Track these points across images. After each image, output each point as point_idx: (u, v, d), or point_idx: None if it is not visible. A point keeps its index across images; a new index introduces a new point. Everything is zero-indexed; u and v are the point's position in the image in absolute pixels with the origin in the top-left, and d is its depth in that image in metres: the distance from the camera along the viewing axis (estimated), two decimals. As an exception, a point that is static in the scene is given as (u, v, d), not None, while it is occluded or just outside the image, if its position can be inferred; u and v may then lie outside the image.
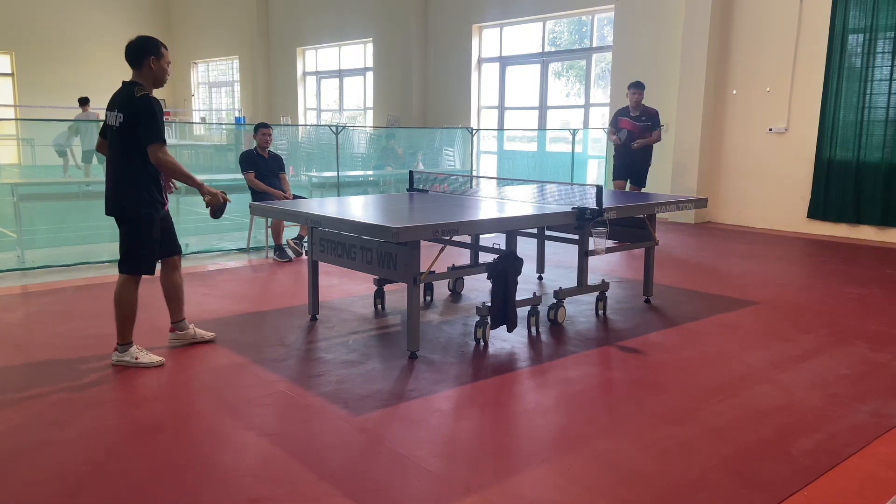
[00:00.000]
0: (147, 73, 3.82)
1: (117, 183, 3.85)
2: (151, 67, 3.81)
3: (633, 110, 8.22)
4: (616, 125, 8.32)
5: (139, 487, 2.65)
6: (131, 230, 3.87)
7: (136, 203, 3.82)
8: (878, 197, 8.62)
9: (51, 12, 20.09)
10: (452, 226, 4.00)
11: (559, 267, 6.72)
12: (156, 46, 3.82)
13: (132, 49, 3.80)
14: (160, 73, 3.85)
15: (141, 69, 3.81)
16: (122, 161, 3.83)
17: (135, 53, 3.79)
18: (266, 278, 6.41)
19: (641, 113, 8.20)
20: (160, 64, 3.83)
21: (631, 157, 8.25)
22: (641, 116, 8.19)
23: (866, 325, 4.95)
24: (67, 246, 7.64)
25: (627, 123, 8.19)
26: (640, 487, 2.68)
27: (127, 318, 3.92)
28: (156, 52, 3.80)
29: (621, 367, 4.06)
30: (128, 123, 3.74)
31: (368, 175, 10.50)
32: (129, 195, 3.83)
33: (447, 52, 13.91)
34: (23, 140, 16.07)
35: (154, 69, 3.82)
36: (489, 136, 13.37)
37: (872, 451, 3.00)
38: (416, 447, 2.99)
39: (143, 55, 3.78)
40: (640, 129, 8.15)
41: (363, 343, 4.43)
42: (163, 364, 3.95)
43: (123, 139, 3.79)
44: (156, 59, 3.81)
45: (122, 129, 3.78)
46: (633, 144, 8.15)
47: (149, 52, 3.78)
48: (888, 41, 8.41)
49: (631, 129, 8.17)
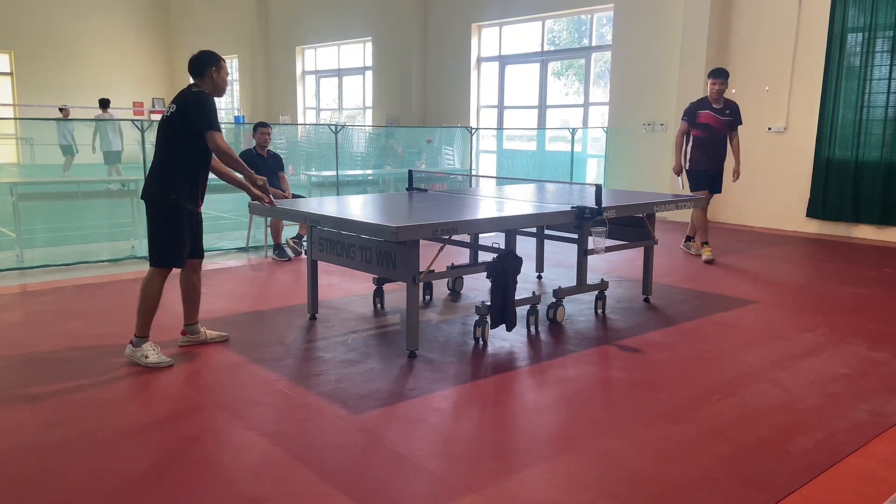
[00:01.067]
0: (208, 83, 4.08)
1: (152, 169, 4.05)
2: (213, 77, 4.08)
3: (716, 102, 6.99)
4: (694, 120, 7.04)
5: (138, 487, 2.65)
6: (158, 217, 4.02)
7: (166, 189, 3.98)
8: (876, 196, 8.62)
9: (50, 11, 20.08)
10: (452, 225, 4.00)
11: (558, 266, 6.72)
12: (216, 59, 4.10)
13: (196, 61, 4.08)
14: (220, 83, 4.13)
15: (203, 79, 4.08)
16: (164, 150, 4.03)
17: (198, 65, 4.08)
18: (265, 277, 6.41)
19: (724, 106, 7.01)
20: (220, 75, 4.11)
21: (717, 159, 7.14)
22: (725, 110, 7.00)
23: (865, 323, 4.95)
24: (66, 245, 7.64)
25: (710, 118, 6.98)
26: (639, 486, 2.69)
27: (147, 310, 4.00)
28: (216, 64, 4.09)
29: (620, 367, 4.06)
30: (179, 114, 3.96)
31: (368, 174, 10.50)
32: (160, 181, 3.99)
33: (446, 52, 13.91)
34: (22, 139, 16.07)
35: (215, 79, 4.09)
36: (488, 135, 13.37)
37: (871, 450, 3.01)
38: (416, 446, 2.99)
39: (205, 66, 4.06)
40: (724, 125, 7.02)
41: (362, 342, 4.43)
42: (172, 365, 3.96)
43: (170, 129, 3.99)
44: (216, 70, 4.08)
45: (170, 120, 3.99)
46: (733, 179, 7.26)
47: (210, 64, 4.07)
48: (887, 40, 8.42)
49: (714, 125, 6.98)
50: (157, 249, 4.03)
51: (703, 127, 6.98)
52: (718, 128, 6.98)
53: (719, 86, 6.89)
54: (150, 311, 4.01)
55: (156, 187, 4.01)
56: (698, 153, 7.05)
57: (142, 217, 7.06)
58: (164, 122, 4.05)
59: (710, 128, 6.96)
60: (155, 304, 4.02)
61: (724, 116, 6.97)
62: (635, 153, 10.99)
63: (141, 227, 7.15)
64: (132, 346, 4.00)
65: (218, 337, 4.39)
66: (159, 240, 4.02)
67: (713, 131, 6.98)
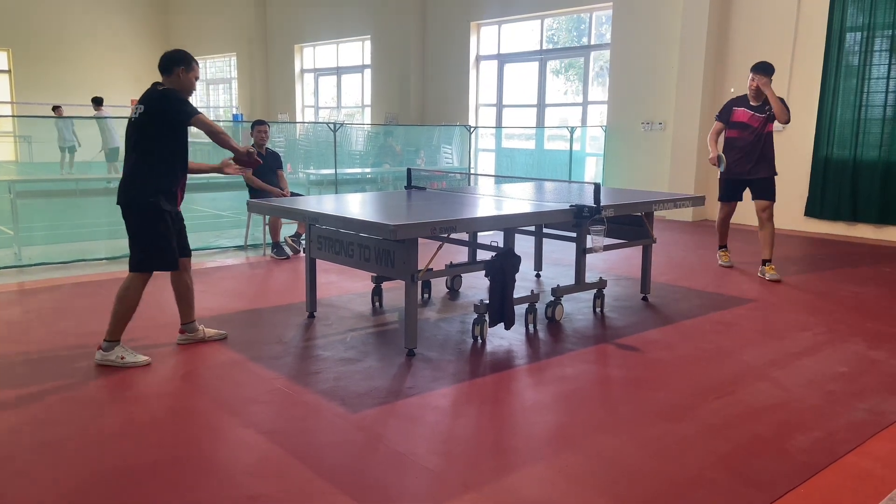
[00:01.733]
0: (175, 81, 3.99)
1: (126, 173, 3.95)
2: (180, 76, 3.99)
3: (754, 100, 6.35)
4: (728, 119, 6.46)
5: (137, 485, 2.65)
6: (140, 221, 3.92)
7: (143, 192, 3.88)
8: (874, 195, 8.63)
9: (48, 9, 20.04)
10: (450, 223, 4.00)
11: (557, 265, 6.72)
12: (187, 60, 4.01)
13: (166, 58, 4.01)
14: (187, 84, 4.03)
15: (171, 76, 3.99)
16: (134, 152, 3.93)
17: (168, 62, 4.00)
18: (263, 276, 6.40)
19: (764, 103, 6.32)
20: (188, 76, 4.01)
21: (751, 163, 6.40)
22: (764, 107, 6.31)
23: (863, 322, 4.96)
24: (64, 243, 7.63)
25: (745, 115, 6.34)
26: (637, 484, 2.69)
27: (125, 316, 3.92)
28: (186, 64, 4.00)
29: (619, 365, 4.07)
30: (148, 115, 3.86)
31: (366, 172, 10.50)
32: (136, 185, 3.90)
33: (445, 50, 13.90)
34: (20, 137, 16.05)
35: (182, 79, 3.99)
36: (487, 133, 13.37)
37: (869, 449, 3.01)
38: (414, 444, 2.99)
39: (174, 64, 3.98)
40: (762, 122, 6.31)
41: (361, 340, 4.43)
42: (149, 363, 3.92)
43: (139, 131, 3.91)
44: (185, 69, 3.99)
45: (139, 121, 3.89)
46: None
47: (179, 63, 3.98)
48: (885, 39, 8.42)
49: (750, 123, 6.33)
50: (139, 254, 3.93)
51: (738, 126, 6.38)
52: (756, 126, 6.30)
53: (757, 83, 6.22)
54: (126, 317, 3.93)
55: (133, 191, 3.90)
56: (728, 157, 6.44)
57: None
58: (133, 124, 3.93)
59: (745, 126, 6.33)
60: (133, 311, 3.95)
61: (763, 114, 6.28)
62: (634, 152, 11.00)
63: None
64: (102, 350, 3.91)
65: (216, 335, 4.37)
66: (142, 245, 3.93)
67: (749, 131, 6.32)
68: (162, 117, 3.87)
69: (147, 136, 3.89)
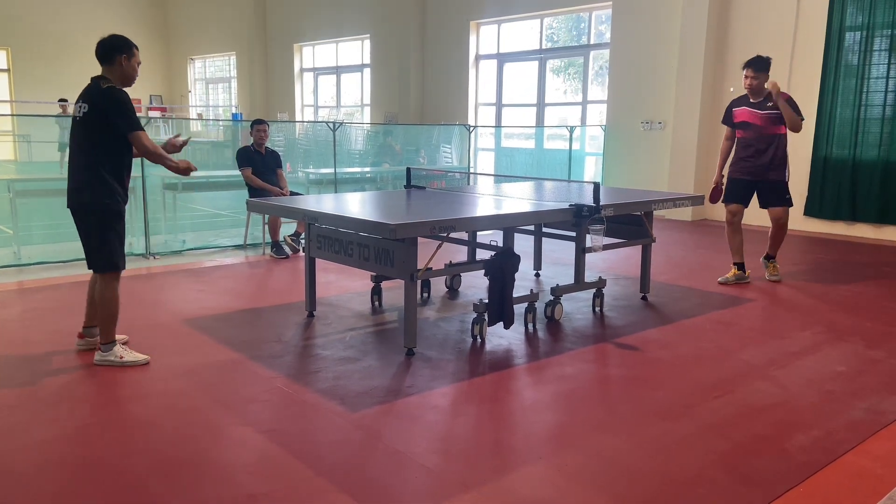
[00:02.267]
0: (117, 70, 3.84)
1: (77, 175, 3.83)
2: (122, 65, 3.83)
3: (753, 96, 5.94)
4: (731, 121, 6.12)
5: (136, 484, 2.65)
6: (98, 224, 3.83)
7: (97, 195, 3.79)
8: (874, 194, 8.63)
9: (47, 8, 20.02)
10: (450, 222, 4.00)
11: (556, 264, 6.73)
12: (128, 45, 3.85)
13: (103, 46, 3.83)
14: (130, 72, 3.87)
15: (112, 65, 3.83)
16: (82, 153, 3.82)
17: (106, 50, 3.82)
18: (263, 275, 6.40)
19: (766, 98, 5.88)
20: (131, 63, 3.86)
21: (760, 164, 5.96)
22: (766, 102, 5.87)
23: (862, 322, 4.96)
24: (63, 242, 7.61)
25: (747, 114, 5.96)
26: (636, 484, 2.69)
27: (113, 317, 3.91)
28: (127, 51, 3.84)
29: (618, 364, 4.07)
30: (91, 114, 3.74)
31: (366, 172, 10.49)
32: (87, 187, 3.79)
33: (445, 49, 13.89)
34: (19, 136, 16.02)
35: (124, 66, 3.84)
36: (487, 132, 13.37)
37: (868, 448, 3.01)
38: (413, 443, 2.99)
39: (114, 52, 3.82)
40: (767, 121, 5.86)
41: (360, 340, 4.43)
42: (148, 362, 3.92)
43: (84, 130, 3.79)
44: (126, 57, 3.84)
45: (83, 120, 3.78)
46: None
47: (120, 50, 3.82)
48: (885, 39, 8.42)
49: (753, 122, 5.94)
50: (105, 256, 3.85)
51: (741, 126, 6.03)
52: (760, 125, 5.88)
53: (750, 79, 5.88)
54: (114, 317, 3.91)
55: (88, 194, 3.79)
56: (737, 157, 6.10)
57: (138, 213, 7.09)
58: (78, 123, 3.81)
59: (747, 126, 5.98)
60: (118, 308, 3.91)
61: (766, 110, 5.84)
62: (633, 151, 11.00)
63: (138, 223, 7.16)
64: (101, 353, 3.89)
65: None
66: (105, 247, 3.84)
67: (753, 129, 5.94)
68: (106, 115, 3.74)
69: (93, 136, 3.78)
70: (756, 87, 5.90)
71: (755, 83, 5.89)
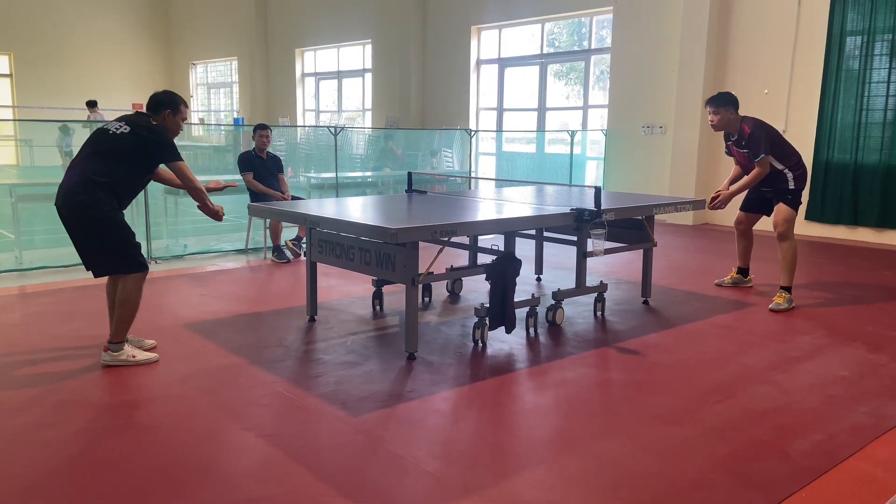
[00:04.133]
0: (161, 122, 4.02)
1: (79, 178, 3.79)
2: (166, 119, 4.03)
3: (732, 134, 5.64)
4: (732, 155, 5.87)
5: (137, 488, 2.65)
6: (102, 229, 3.82)
7: (94, 202, 3.76)
8: (875, 199, 8.63)
9: (50, 13, 20.08)
10: (451, 227, 4.00)
11: (557, 268, 6.72)
12: (175, 103, 4.05)
13: (154, 100, 4.04)
14: (173, 127, 4.07)
15: (157, 116, 4.02)
16: (96, 162, 3.80)
17: (156, 103, 4.04)
18: (264, 279, 6.41)
19: (739, 137, 5.54)
20: (175, 119, 4.06)
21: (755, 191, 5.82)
22: (741, 140, 5.55)
23: (864, 326, 4.96)
24: (65, 247, 7.61)
25: (733, 150, 5.77)
26: (638, 488, 2.69)
27: (131, 317, 3.96)
28: (173, 107, 4.04)
29: (619, 368, 4.06)
30: (128, 137, 3.84)
31: (367, 176, 10.51)
32: (87, 193, 3.76)
33: (446, 54, 13.92)
34: (21, 141, 16.05)
35: (168, 122, 4.03)
36: (488, 137, 13.38)
37: (870, 453, 3.01)
38: (415, 448, 2.99)
39: (162, 107, 4.02)
40: (748, 159, 5.58)
41: (361, 344, 4.43)
42: (157, 360, 4.00)
43: (113, 146, 3.83)
44: (171, 112, 4.03)
45: (117, 138, 3.85)
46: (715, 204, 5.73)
47: (167, 106, 4.02)
48: (886, 43, 8.43)
49: (738, 158, 5.76)
50: (127, 257, 3.89)
51: (735, 158, 5.86)
52: (744, 162, 5.67)
53: (711, 116, 5.56)
54: (132, 318, 3.96)
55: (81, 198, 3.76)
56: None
57: (140, 218, 7.09)
58: (108, 137, 3.87)
59: (737, 161, 5.82)
60: (137, 310, 3.98)
61: (742, 148, 5.58)
62: (634, 156, 11.00)
63: (140, 228, 7.16)
64: (111, 353, 3.91)
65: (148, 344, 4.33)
66: (129, 246, 3.89)
67: (741, 165, 5.76)
68: (145, 146, 3.86)
69: (118, 154, 3.83)
70: (720, 124, 5.52)
71: (716, 119, 5.50)
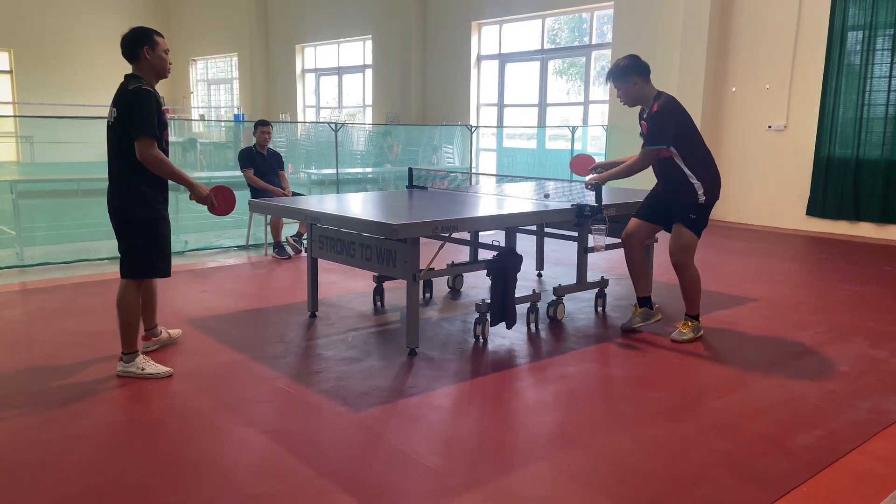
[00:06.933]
0: (145, 65, 3.66)
1: (111, 181, 3.74)
2: (147, 58, 3.64)
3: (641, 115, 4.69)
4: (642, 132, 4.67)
5: (139, 484, 2.65)
6: (138, 232, 3.71)
7: (127, 202, 3.66)
8: (876, 194, 8.63)
9: (50, 9, 20.05)
10: (452, 223, 4.00)
11: (558, 264, 6.72)
12: (147, 35, 3.64)
13: (125, 43, 3.65)
14: (159, 63, 3.68)
15: (138, 61, 3.65)
16: (115, 159, 3.69)
17: (128, 47, 3.65)
18: (265, 275, 6.41)
19: (642, 111, 4.67)
20: (156, 53, 3.65)
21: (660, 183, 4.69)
22: (643, 113, 4.65)
23: (865, 321, 4.95)
24: (66, 243, 7.63)
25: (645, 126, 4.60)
26: (639, 483, 2.69)
27: (129, 324, 3.74)
28: (148, 42, 3.63)
29: (620, 364, 4.06)
30: (120, 119, 3.59)
31: (367, 172, 10.50)
32: (118, 194, 3.69)
33: (446, 50, 13.90)
34: (21, 137, 16.04)
35: (150, 59, 3.65)
36: (488, 133, 13.38)
37: (871, 448, 3.01)
38: (416, 443, 2.99)
39: (136, 45, 3.62)
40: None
41: (362, 340, 4.43)
42: (171, 374, 3.76)
43: (116, 136, 3.64)
44: (150, 48, 3.63)
45: (114, 126, 3.64)
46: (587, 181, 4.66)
47: (141, 43, 3.62)
48: (887, 38, 8.42)
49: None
50: (136, 263, 3.74)
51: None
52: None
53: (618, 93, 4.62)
54: (134, 325, 3.75)
55: (115, 201, 3.68)
56: None
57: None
58: (110, 129, 3.66)
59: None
60: (137, 317, 3.77)
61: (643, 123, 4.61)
62: (635, 151, 10.85)
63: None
64: (123, 363, 3.75)
65: (177, 334, 4.33)
66: (140, 254, 3.73)
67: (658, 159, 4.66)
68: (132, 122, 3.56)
69: (121, 141, 3.61)
70: (629, 99, 4.57)
71: (621, 95, 4.59)
